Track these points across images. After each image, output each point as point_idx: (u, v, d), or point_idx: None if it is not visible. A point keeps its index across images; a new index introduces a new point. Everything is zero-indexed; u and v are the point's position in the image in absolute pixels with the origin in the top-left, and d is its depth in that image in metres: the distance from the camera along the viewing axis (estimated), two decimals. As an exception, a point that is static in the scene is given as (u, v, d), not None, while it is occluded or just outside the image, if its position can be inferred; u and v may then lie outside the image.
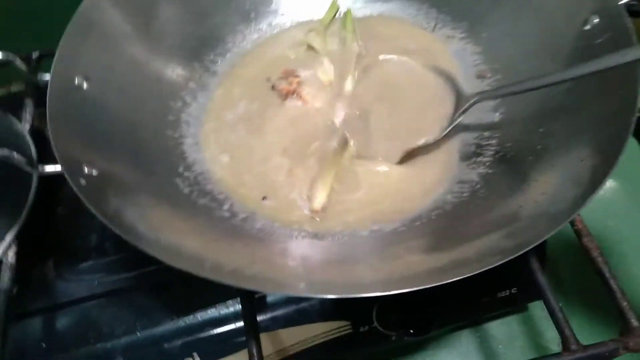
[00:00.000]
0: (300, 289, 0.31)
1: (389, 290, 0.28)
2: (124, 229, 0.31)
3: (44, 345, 0.44)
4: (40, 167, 0.36)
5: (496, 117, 0.46)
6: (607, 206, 0.64)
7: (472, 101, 0.44)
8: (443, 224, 0.39)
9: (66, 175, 0.33)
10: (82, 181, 0.34)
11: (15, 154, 0.34)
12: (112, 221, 0.31)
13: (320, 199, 0.43)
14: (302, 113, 0.49)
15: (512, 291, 0.50)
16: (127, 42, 0.45)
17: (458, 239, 0.36)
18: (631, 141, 0.68)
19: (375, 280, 0.33)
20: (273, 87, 0.50)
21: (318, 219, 0.42)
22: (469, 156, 0.45)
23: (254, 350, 0.38)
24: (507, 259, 0.29)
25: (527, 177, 0.39)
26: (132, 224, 0.32)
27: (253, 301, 0.41)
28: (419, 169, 0.45)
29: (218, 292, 0.46)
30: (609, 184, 0.66)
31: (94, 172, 0.35)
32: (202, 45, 0.52)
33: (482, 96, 0.44)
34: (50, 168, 0.35)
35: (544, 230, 0.31)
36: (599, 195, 0.64)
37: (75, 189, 0.32)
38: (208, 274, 0.29)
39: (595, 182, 0.32)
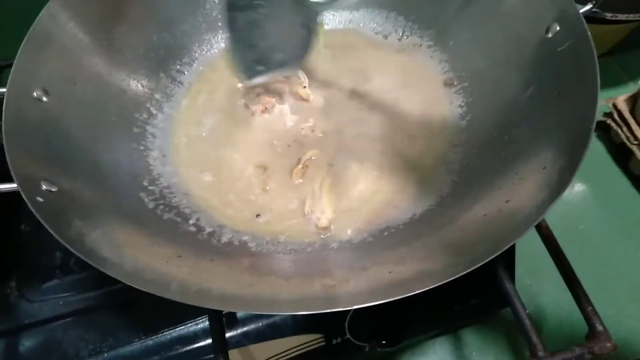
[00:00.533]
0: (267, 308, 0.31)
1: (356, 305, 0.28)
2: (85, 251, 0.30)
3: (6, 369, 0.43)
4: (-6, 186, 0.34)
5: (463, 124, 0.47)
6: (578, 210, 0.65)
7: None
8: (411, 234, 0.39)
9: (22, 193, 0.32)
10: (39, 199, 0.33)
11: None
12: (73, 243, 0.30)
13: (328, 214, 0.43)
14: (274, 124, 0.49)
15: (484, 298, 0.50)
16: (88, 54, 0.44)
17: (424, 249, 0.36)
18: (600, 145, 0.71)
19: (346, 293, 0.32)
20: (246, 106, 0.50)
21: (327, 234, 0.42)
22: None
23: (222, 368, 0.37)
24: (473, 268, 0.29)
25: (491, 186, 0.39)
26: (94, 245, 0.31)
27: (221, 318, 0.40)
28: (389, 179, 0.45)
29: (186, 310, 0.45)
30: (581, 188, 0.67)
31: (53, 189, 0.34)
32: (167, 55, 0.51)
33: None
34: (4, 186, 0.34)
35: (509, 238, 0.31)
36: (571, 199, 0.66)
37: (32, 208, 0.31)
38: (173, 295, 0.28)
39: (558, 189, 0.32)
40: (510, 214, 0.35)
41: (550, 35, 0.41)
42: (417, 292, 0.29)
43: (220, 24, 0.54)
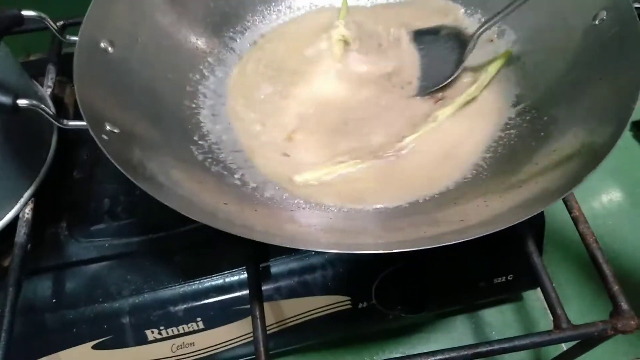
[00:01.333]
0: (305, 244, 0.33)
1: (389, 249, 0.30)
2: (143, 179, 0.33)
3: (54, 301, 0.46)
4: (64, 121, 0.37)
5: (504, 104, 0.48)
6: (608, 206, 0.65)
7: (477, 34, 0.48)
8: (444, 202, 0.41)
9: (90, 130, 0.35)
10: (104, 137, 0.35)
11: (43, 105, 0.36)
12: (133, 173, 0.33)
13: (309, 176, 0.44)
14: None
15: (509, 278, 0.51)
16: (153, 11, 0.47)
17: (459, 214, 0.37)
18: (633, 143, 0.71)
19: (377, 243, 0.34)
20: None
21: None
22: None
23: (257, 314, 0.39)
24: (507, 226, 0.31)
25: (528, 161, 0.40)
26: (152, 175, 0.34)
27: (259, 269, 0.43)
28: (428, 154, 0.47)
29: (223, 261, 0.47)
30: (611, 185, 0.68)
31: (116, 130, 0.37)
32: (222, 22, 0.54)
33: (484, 25, 0.48)
34: (74, 123, 0.36)
35: (542, 204, 0.32)
36: (601, 195, 0.67)
37: (98, 142, 0.34)
38: (221, 224, 0.30)
39: (592, 165, 0.33)
40: (544, 185, 0.36)
41: (597, 22, 0.42)
42: (449, 243, 0.30)
43: (273, -4, 0.57)
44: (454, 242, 0.30)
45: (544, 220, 0.48)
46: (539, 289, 0.54)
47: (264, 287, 0.46)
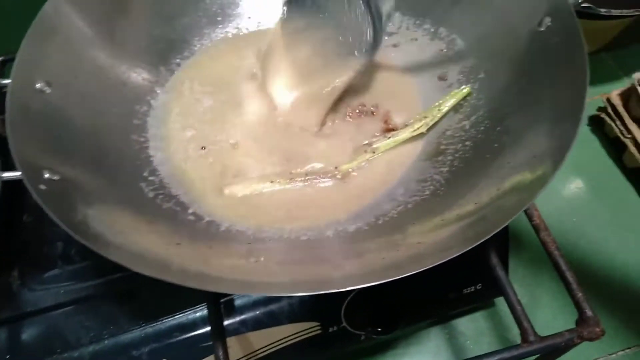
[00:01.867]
0: (266, 289, 0.32)
1: (351, 286, 0.29)
2: (88, 237, 0.31)
3: (9, 357, 0.44)
4: (-1, 173, 0.36)
5: (457, 117, 0.48)
6: (573, 203, 0.66)
7: None
8: (403, 222, 0.40)
9: (25, 181, 0.33)
10: (42, 187, 0.34)
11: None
12: (76, 229, 0.31)
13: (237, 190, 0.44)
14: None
15: (477, 287, 0.51)
16: (91, 47, 0.45)
17: (418, 235, 0.37)
18: (594, 139, 0.72)
19: (339, 276, 0.33)
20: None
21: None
22: (431, 156, 0.46)
23: (220, 354, 0.38)
24: (464, 251, 0.30)
25: (484, 174, 0.40)
26: (97, 231, 0.32)
27: (219, 305, 0.41)
28: (382, 169, 0.46)
29: (185, 298, 0.46)
30: (575, 181, 0.68)
31: (55, 177, 0.35)
32: (168, 48, 0.52)
33: None
34: (8, 174, 0.35)
35: (498, 223, 0.32)
36: (565, 192, 0.67)
37: (34, 195, 0.32)
38: (173, 277, 0.29)
39: (547, 176, 0.33)
40: (502, 200, 0.36)
41: (542, 28, 0.42)
42: (409, 273, 0.30)
43: (219, 18, 0.55)
44: (412, 273, 0.30)
45: (507, 231, 0.48)
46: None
47: (228, 322, 0.45)
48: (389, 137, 0.47)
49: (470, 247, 0.31)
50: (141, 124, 0.48)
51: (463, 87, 0.48)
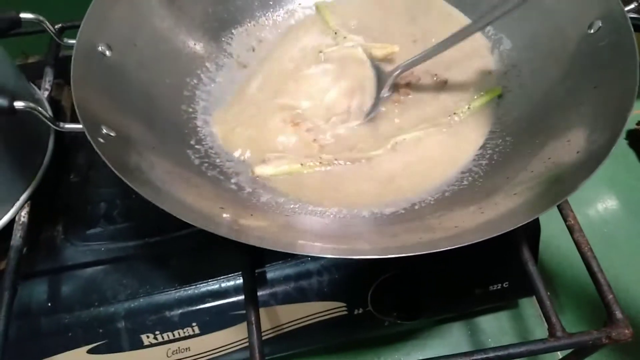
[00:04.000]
0: (300, 247, 0.33)
1: (385, 254, 0.30)
2: (140, 183, 0.33)
3: (50, 305, 0.46)
4: (61, 124, 0.37)
5: (499, 113, 0.48)
6: (604, 215, 0.66)
7: (392, 75, 0.49)
8: (440, 209, 0.41)
9: (86, 133, 0.35)
10: (101, 140, 0.35)
11: (39, 108, 0.36)
12: (129, 176, 0.33)
13: (267, 170, 0.45)
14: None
15: (504, 285, 0.51)
16: (151, 15, 0.47)
17: (454, 220, 0.37)
18: (630, 153, 0.71)
19: (373, 248, 0.34)
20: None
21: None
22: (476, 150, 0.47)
23: (253, 320, 0.39)
24: (499, 234, 0.31)
25: (523, 168, 0.40)
26: (147, 181, 0.34)
27: (254, 275, 0.43)
28: (429, 156, 0.47)
29: (219, 266, 0.47)
30: (609, 194, 0.68)
31: (112, 134, 0.37)
32: (220, 27, 0.54)
33: (400, 68, 0.49)
34: (71, 126, 0.36)
35: (536, 211, 0.32)
36: (598, 204, 0.67)
37: (94, 145, 0.34)
38: (217, 229, 0.30)
39: (586, 172, 0.34)
40: (539, 192, 0.36)
41: (592, 31, 0.43)
42: (445, 248, 0.30)
43: (271, 2, 0.57)
44: (449, 248, 0.30)
45: (539, 228, 0.48)
46: (534, 297, 0.55)
47: (259, 293, 0.46)
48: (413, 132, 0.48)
49: (508, 229, 0.31)
50: (191, 95, 0.49)
51: (495, 87, 0.49)
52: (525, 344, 0.38)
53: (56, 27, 0.52)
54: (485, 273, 0.51)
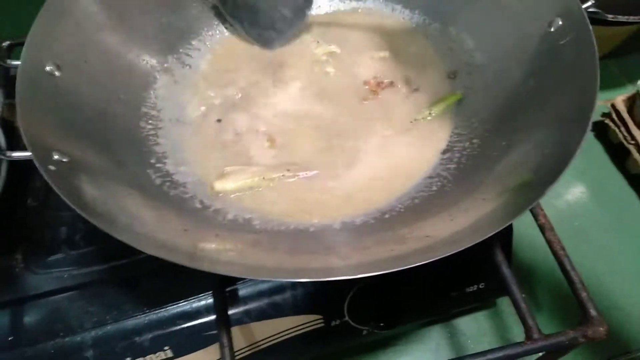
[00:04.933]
0: (272, 274, 0.32)
1: (358, 274, 0.29)
2: (95, 215, 0.31)
3: (11, 339, 0.43)
4: (8, 152, 0.35)
5: (464, 115, 0.48)
6: (575, 207, 0.66)
7: None
8: (410, 217, 0.40)
9: (35, 161, 0.33)
10: (52, 167, 0.34)
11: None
12: (83, 207, 0.31)
13: (227, 186, 0.44)
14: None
15: (480, 286, 0.51)
16: (101, 31, 0.45)
17: (425, 229, 0.37)
18: (597, 145, 0.72)
19: (346, 266, 0.33)
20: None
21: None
22: (441, 153, 0.46)
23: (225, 341, 0.38)
24: (471, 244, 0.30)
25: (491, 172, 0.40)
26: (103, 211, 0.32)
27: (225, 294, 0.41)
28: (394, 162, 0.46)
29: (189, 287, 0.45)
30: (578, 186, 0.68)
31: (65, 159, 0.35)
32: (176, 37, 0.52)
33: None
34: (18, 154, 0.35)
35: (507, 217, 0.32)
36: (567, 196, 0.67)
37: (44, 174, 0.32)
38: (182, 259, 0.29)
39: (556, 174, 0.33)
40: (508, 197, 0.36)
41: (552, 29, 0.43)
42: (418, 264, 0.30)
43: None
44: (421, 264, 0.30)
45: (511, 228, 0.48)
46: (510, 298, 0.55)
47: (232, 311, 0.45)
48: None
49: (479, 240, 0.31)
50: (149, 111, 0.48)
51: (456, 91, 0.49)
52: (503, 349, 0.38)
53: (3, 45, 0.49)
54: (460, 275, 0.51)
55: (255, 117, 0.49)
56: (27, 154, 0.34)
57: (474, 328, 0.56)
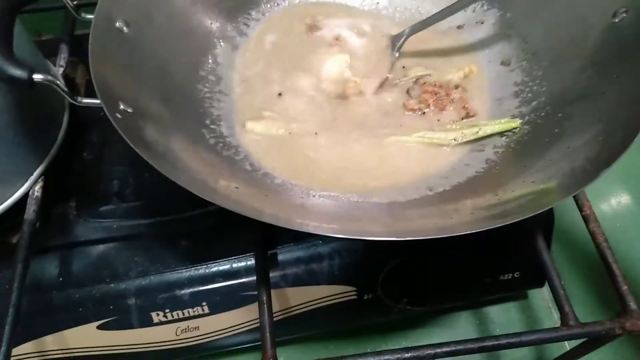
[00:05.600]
0: (314, 228, 0.32)
1: (399, 237, 0.29)
2: (156, 158, 0.32)
3: (61, 280, 0.46)
4: (79, 98, 0.37)
5: (516, 102, 0.47)
6: (618, 208, 0.65)
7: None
8: (455, 195, 0.41)
9: (104, 107, 0.34)
10: (118, 115, 0.35)
11: (58, 81, 0.36)
12: (145, 151, 0.32)
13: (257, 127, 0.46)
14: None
15: (515, 275, 0.51)
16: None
17: (471, 207, 0.37)
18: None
19: (387, 230, 0.34)
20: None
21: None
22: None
23: (264, 300, 0.39)
24: (517, 220, 0.30)
25: (541, 157, 0.40)
26: (163, 155, 0.34)
27: (266, 256, 0.43)
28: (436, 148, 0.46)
29: (231, 246, 0.47)
30: (619, 187, 0.67)
31: (129, 110, 0.37)
32: (237, 7, 0.53)
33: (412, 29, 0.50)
34: (89, 100, 0.36)
35: (553, 200, 0.32)
36: (609, 197, 0.66)
37: (111, 119, 0.34)
38: (232, 205, 0.30)
39: (607, 161, 0.33)
40: (557, 181, 0.36)
41: (616, 20, 0.42)
42: (461, 233, 0.30)
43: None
44: (464, 233, 0.30)
45: (553, 218, 0.47)
46: (544, 288, 0.54)
47: (270, 274, 0.46)
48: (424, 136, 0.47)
49: (527, 216, 0.31)
50: (206, 75, 0.49)
51: (516, 119, 0.46)
52: (537, 332, 0.38)
53: (73, 3, 0.51)
54: (496, 262, 0.51)
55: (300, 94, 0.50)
56: (96, 101, 0.35)
57: (504, 317, 0.56)
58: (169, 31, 0.46)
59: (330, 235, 0.29)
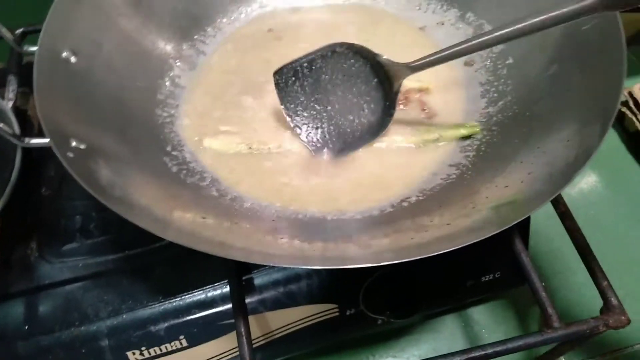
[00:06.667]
0: (288, 261, 0.31)
1: (378, 262, 0.29)
2: (113, 200, 0.31)
3: (27, 327, 0.43)
4: (26, 139, 0.35)
5: (483, 103, 0.47)
6: (590, 196, 0.66)
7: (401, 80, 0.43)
8: (430, 205, 0.40)
9: (53, 147, 0.32)
10: (70, 154, 0.33)
11: (1, 125, 0.33)
12: (100, 192, 0.31)
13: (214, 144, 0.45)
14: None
15: (496, 275, 0.51)
16: (117, 16, 0.44)
17: (446, 217, 0.36)
18: (613, 133, 0.71)
19: (365, 254, 0.33)
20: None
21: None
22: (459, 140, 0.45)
23: (242, 330, 0.38)
24: (490, 235, 0.30)
25: (512, 159, 0.39)
26: (121, 197, 0.32)
27: (241, 282, 0.41)
28: (410, 153, 0.45)
29: (205, 275, 0.45)
30: (592, 175, 0.68)
31: (82, 146, 0.35)
32: (191, 24, 0.52)
33: (413, 68, 0.42)
34: (37, 141, 0.34)
35: (531, 206, 0.31)
36: (582, 185, 0.67)
37: (62, 161, 0.32)
38: (200, 245, 0.28)
39: (579, 161, 0.33)
40: (531, 185, 0.35)
41: (578, 14, 0.42)
42: (440, 252, 0.29)
43: (242, -4, 0.55)
44: (442, 252, 0.29)
45: (529, 217, 0.47)
46: (527, 284, 0.54)
47: (247, 300, 0.44)
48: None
49: (503, 229, 0.30)
50: (164, 99, 0.47)
51: (474, 123, 0.45)
52: (523, 337, 0.37)
53: (16, 32, 0.49)
54: (476, 264, 0.50)
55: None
56: (45, 140, 0.33)
57: (489, 318, 0.56)
58: (121, 57, 0.44)
59: (307, 267, 0.28)
